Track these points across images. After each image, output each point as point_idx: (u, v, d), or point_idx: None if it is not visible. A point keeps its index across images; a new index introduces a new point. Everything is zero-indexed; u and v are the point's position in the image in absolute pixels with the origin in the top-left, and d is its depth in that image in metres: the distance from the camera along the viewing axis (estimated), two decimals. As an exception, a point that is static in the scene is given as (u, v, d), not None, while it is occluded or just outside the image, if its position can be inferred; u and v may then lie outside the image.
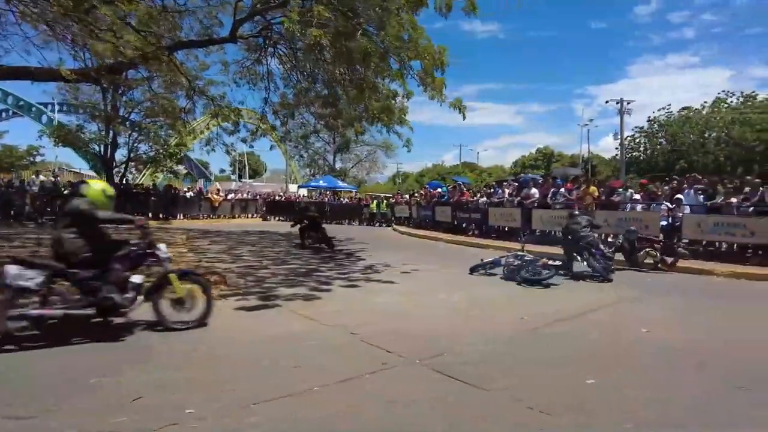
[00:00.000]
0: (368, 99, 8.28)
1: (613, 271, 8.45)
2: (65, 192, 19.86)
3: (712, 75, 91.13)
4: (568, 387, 3.56)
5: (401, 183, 55.33)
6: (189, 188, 26.06)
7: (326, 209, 25.10)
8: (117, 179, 22.15)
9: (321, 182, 29.55)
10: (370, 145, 41.97)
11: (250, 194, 29.46)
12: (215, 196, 24.20)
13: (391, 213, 23.37)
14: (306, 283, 7.19)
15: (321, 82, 11.09)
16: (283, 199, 28.04)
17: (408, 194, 25.88)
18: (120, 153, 22.34)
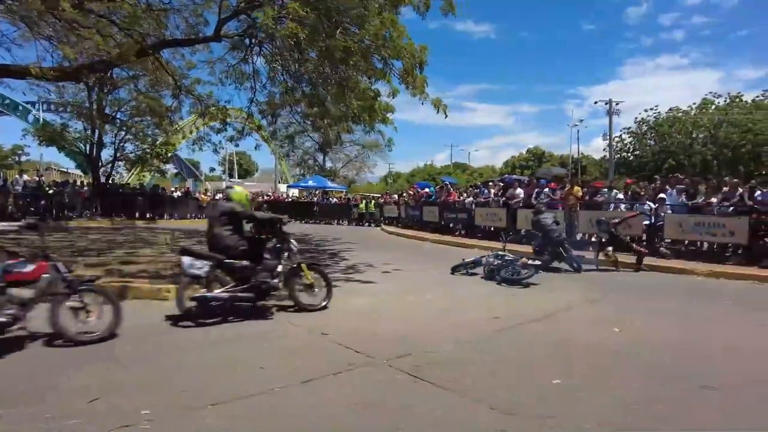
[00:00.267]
0: (349, 98, 8.24)
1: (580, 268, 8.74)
2: (50, 192, 19.67)
3: (702, 76, 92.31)
4: (534, 387, 3.55)
5: (393, 183, 55.30)
6: (176, 188, 25.87)
7: (315, 209, 25.06)
8: (103, 179, 21.97)
9: (310, 182, 29.44)
10: (356, 144, 41.68)
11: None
12: (203, 196, 24.07)
13: (380, 213, 23.35)
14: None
15: (305, 82, 11.02)
16: (272, 199, 27.90)
17: (397, 194, 25.84)
18: (107, 152, 22.18)
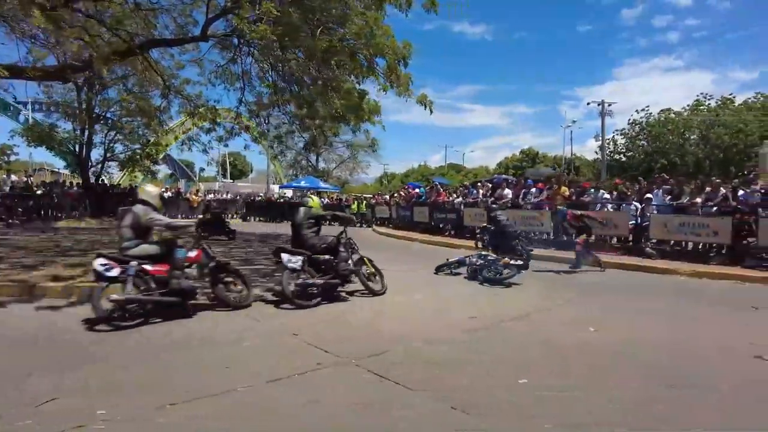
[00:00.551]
0: (332, 98, 8.20)
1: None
2: (38, 192, 19.54)
3: (696, 78, 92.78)
4: (500, 387, 3.53)
5: (388, 184, 55.24)
6: (167, 189, 25.74)
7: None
8: (93, 179, 21.82)
9: (302, 182, 29.31)
10: (343, 144, 41.24)
11: (231, 194, 29.21)
12: (194, 197, 23.96)
13: (372, 213, 23.31)
14: (263, 284, 7.08)
15: (291, 82, 10.98)
16: (264, 200, 27.82)
17: (388, 194, 25.81)
18: (97, 153, 22.03)
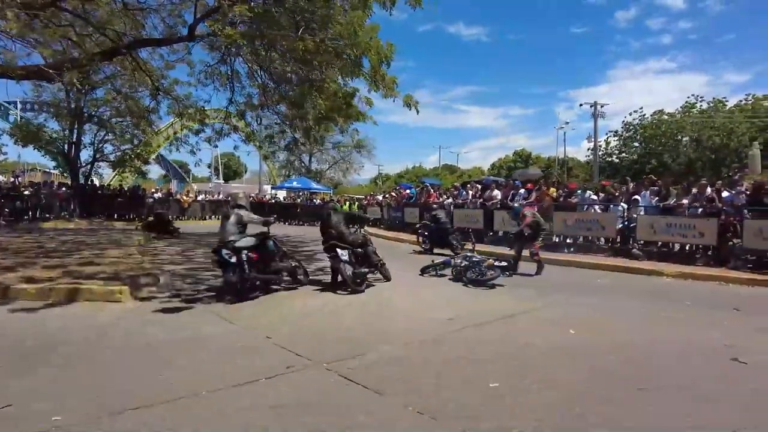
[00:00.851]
0: (315, 98, 8.14)
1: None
2: (26, 193, 19.37)
3: (689, 80, 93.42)
4: (470, 390, 3.49)
5: (382, 185, 55.18)
6: (157, 189, 25.57)
7: (298, 210, 24.96)
8: (82, 180, 21.68)
9: (295, 183, 29.22)
10: (333, 145, 40.97)
11: (223, 195, 29.00)
12: (185, 198, 23.81)
13: (363, 214, 23.24)
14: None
15: (277, 82, 10.92)
16: (255, 200, 27.63)
17: (380, 195, 25.74)
18: (86, 153, 21.89)
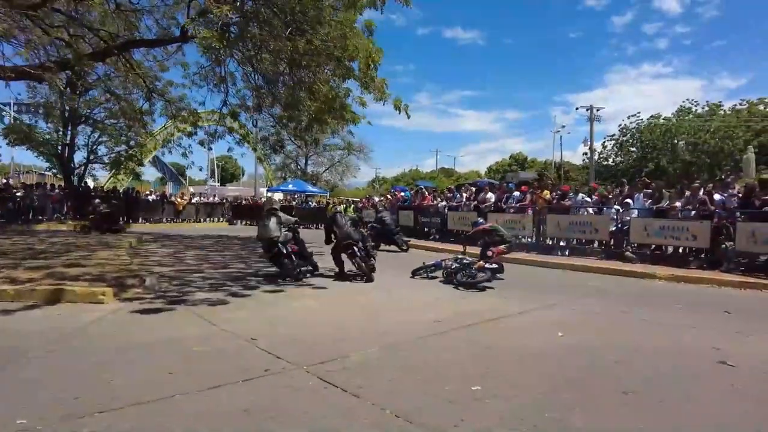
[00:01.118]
0: (304, 99, 8.09)
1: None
2: (18, 194, 19.25)
3: (684, 85, 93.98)
4: (449, 393, 3.41)
5: (379, 188, 55.17)
6: (152, 191, 25.45)
7: (293, 213, 24.84)
8: (76, 181, 21.56)
9: (290, 186, 29.12)
10: (324, 147, 40.58)
11: (218, 198, 28.95)
12: (179, 200, 23.70)
13: (359, 217, 23.18)
14: (230, 288, 6.94)
15: (269, 83, 10.86)
16: (251, 203, 27.55)
17: (377, 197, 25.71)
18: (81, 155, 21.79)
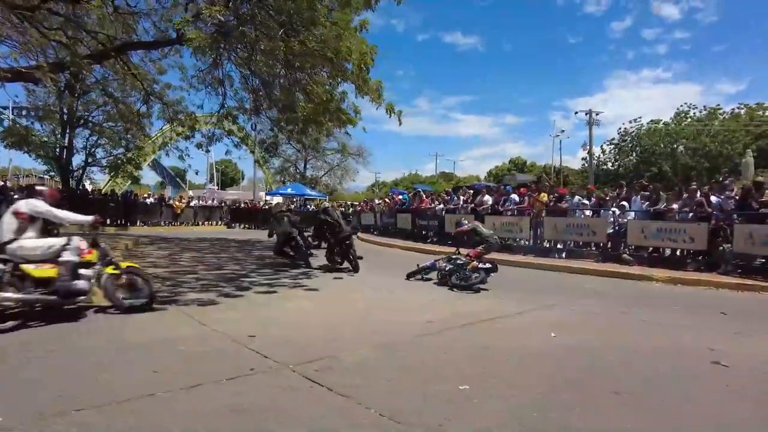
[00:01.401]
0: (298, 100, 8.06)
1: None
2: (15, 197, 19.19)
3: (683, 90, 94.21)
4: (437, 393, 3.36)
5: (378, 192, 55.15)
6: (149, 194, 25.42)
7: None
8: (74, 184, 21.53)
9: (289, 189, 29.07)
10: (317, 148, 39.99)
11: (216, 201, 28.90)
12: (177, 203, 23.66)
13: (357, 221, 23.14)
14: (222, 289, 6.88)
15: (265, 85, 10.85)
16: (249, 207, 27.49)
17: (377, 200, 25.65)
18: (79, 158, 21.77)
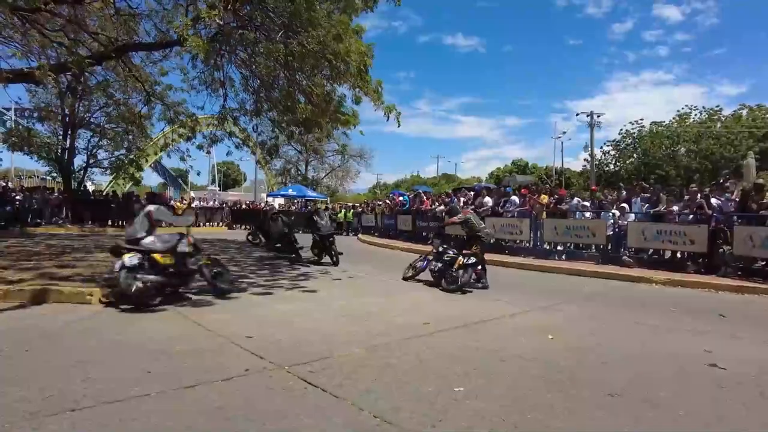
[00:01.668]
0: (297, 101, 8.06)
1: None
2: (17, 198, 19.28)
3: (684, 92, 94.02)
4: (431, 395, 3.35)
5: (380, 193, 55.14)
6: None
7: (292, 217, 24.86)
8: (75, 185, 21.59)
9: (290, 191, 29.09)
10: (315, 150, 39.86)
11: (217, 202, 28.95)
12: (178, 204, 23.68)
13: (358, 222, 23.16)
14: (220, 291, 6.87)
15: (266, 87, 10.86)
16: (250, 207, 27.52)
17: (380, 201, 25.61)
18: (80, 159, 21.85)
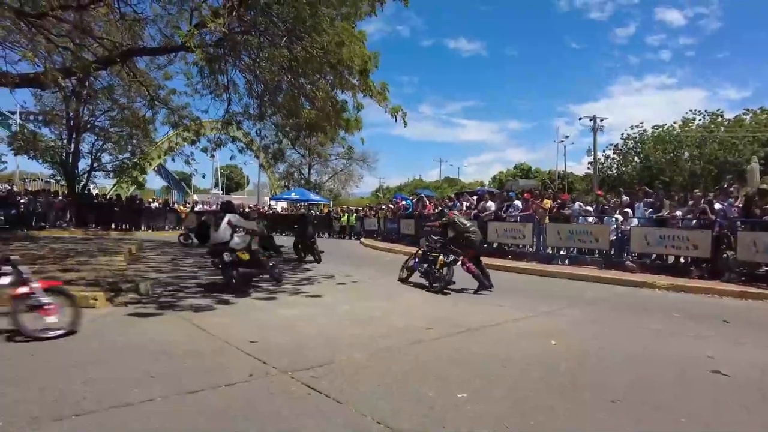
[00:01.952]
0: (301, 106, 8.10)
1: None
2: (22, 201, 19.40)
3: (688, 96, 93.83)
4: (432, 400, 3.36)
5: (383, 197, 55.17)
6: (154, 199, 25.56)
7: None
8: (79, 189, 21.69)
9: (293, 194, 29.12)
10: (320, 154, 39.67)
11: (218, 206, 28.98)
12: (182, 208, 23.80)
13: (360, 226, 23.16)
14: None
15: (271, 92, 10.91)
16: (254, 209, 27.48)
17: (384, 206, 25.61)
18: (85, 162, 21.95)
